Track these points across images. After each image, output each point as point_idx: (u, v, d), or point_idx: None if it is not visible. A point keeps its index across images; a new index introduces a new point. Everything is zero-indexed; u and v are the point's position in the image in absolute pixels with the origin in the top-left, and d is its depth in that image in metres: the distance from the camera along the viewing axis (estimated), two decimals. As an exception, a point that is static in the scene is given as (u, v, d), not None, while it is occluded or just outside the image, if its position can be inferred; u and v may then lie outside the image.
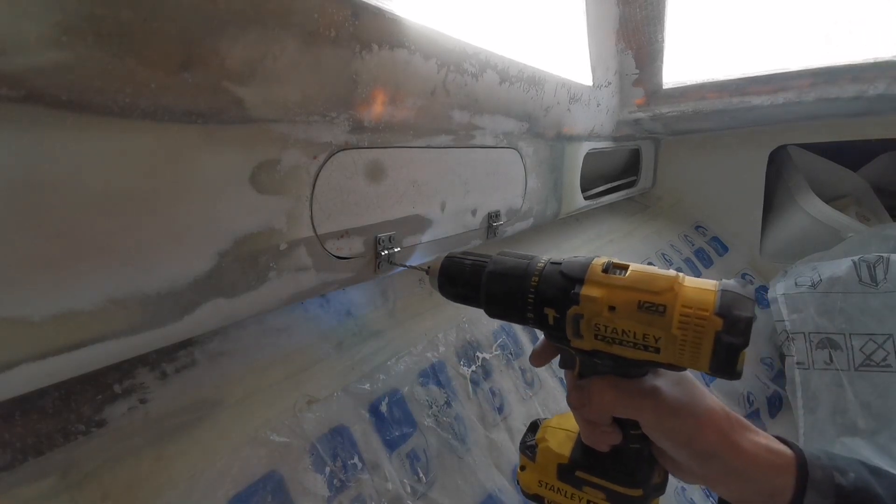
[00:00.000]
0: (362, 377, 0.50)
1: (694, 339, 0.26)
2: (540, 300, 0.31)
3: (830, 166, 1.32)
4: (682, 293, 0.27)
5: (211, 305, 0.35)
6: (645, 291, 0.27)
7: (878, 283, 0.89)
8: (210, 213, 0.33)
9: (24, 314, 0.26)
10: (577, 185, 0.92)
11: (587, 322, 0.29)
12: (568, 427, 0.37)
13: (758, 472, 0.28)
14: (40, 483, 0.32)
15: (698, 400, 0.30)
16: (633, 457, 0.32)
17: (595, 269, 0.30)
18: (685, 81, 0.97)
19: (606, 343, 0.29)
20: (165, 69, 0.28)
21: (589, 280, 0.29)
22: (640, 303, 0.27)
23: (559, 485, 0.35)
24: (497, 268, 0.34)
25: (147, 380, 0.39)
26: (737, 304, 0.25)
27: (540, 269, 0.32)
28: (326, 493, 0.41)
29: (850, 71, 0.85)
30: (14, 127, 0.24)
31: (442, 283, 0.37)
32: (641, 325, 0.27)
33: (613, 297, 0.28)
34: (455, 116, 0.53)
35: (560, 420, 0.38)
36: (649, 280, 0.28)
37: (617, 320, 0.28)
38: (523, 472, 0.38)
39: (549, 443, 0.37)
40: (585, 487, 0.34)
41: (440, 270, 0.37)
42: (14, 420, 0.32)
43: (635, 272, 0.29)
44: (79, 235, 0.27)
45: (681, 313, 0.26)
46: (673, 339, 0.26)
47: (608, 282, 0.29)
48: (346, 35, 0.36)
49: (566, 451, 0.36)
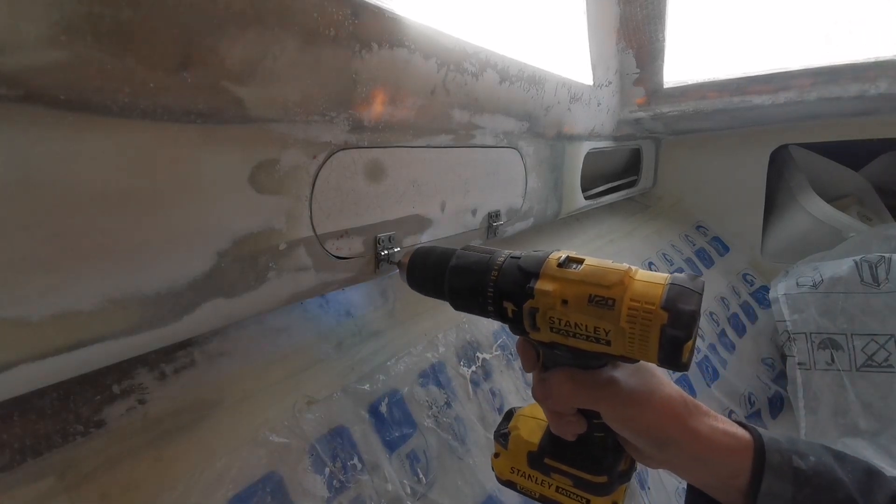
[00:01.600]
0: (362, 378, 0.50)
1: (641, 333, 0.26)
2: (499, 294, 0.32)
3: (832, 166, 1.32)
4: (632, 287, 0.27)
5: (210, 305, 0.35)
6: (595, 285, 0.28)
7: (879, 284, 0.89)
8: (209, 213, 0.33)
9: (23, 314, 0.26)
10: (577, 185, 0.92)
11: (542, 315, 0.30)
12: (539, 416, 0.38)
13: (715, 456, 0.29)
14: (39, 484, 0.32)
15: (655, 388, 0.31)
16: (597, 445, 0.33)
17: (551, 264, 0.30)
18: (686, 81, 0.97)
19: (562, 336, 0.30)
20: (164, 69, 0.28)
21: (544, 274, 0.30)
22: (590, 296, 0.28)
23: (530, 471, 0.36)
24: (460, 262, 0.35)
25: (146, 380, 0.39)
26: (682, 298, 0.26)
27: (500, 264, 0.33)
28: (326, 493, 0.41)
29: (851, 70, 0.84)
30: (13, 126, 0.24)
31: (410, 277, 0.38)
32: (592, 319, 0.28)
33: (566, 291, 0.29)
34: (455, 116, 0.52)
35: (532, 409, 0.39)
36: (601, 274, 0.28)
37: (570, 314, 0.29)
38: (497, 459, 0.39)
39: (520, 431, 0.38)
40: (553, 474, 0.35)
41: (408, 264, 0.38)
42: (12, 420, 0.32)
43: (589, 266, 0.29)
44: (78, 235, 0.27)
45: (629, 307, 0.27)
46: (622, 332, 0.27)
47: (562, 276, 0.29)
48: (345, 34, 0.36)
49: (536, 439, 0.36)
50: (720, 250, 1.26)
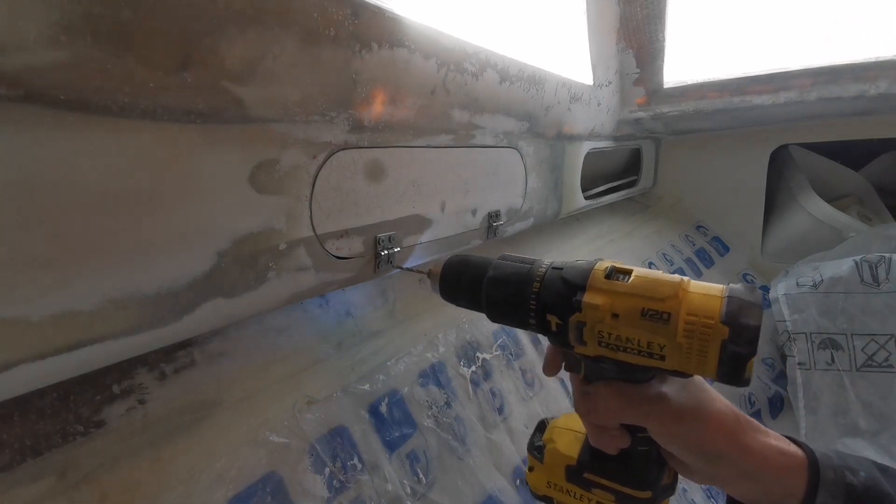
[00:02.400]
0: (362, 378, 0.50)
1: (700, 348, 0.25)
2: (542, 307, 0.30)
3: (832, 166, 1.32)
4: (688, 300, 0.26)
5: (210, 305, 0.35)
6: (649, 298, 0.27)
7: (879, 284, 0.89)
8: (209, 213, 0.33)
9: (23, 314, 0.26)
10: (577, 185, 0.92)
11: (590, 329, 0.28)
12: (575, 428, 0.37)
13: (768, 473, 0.28)
14: (39, 484, 0.32)
15: (705, 404, 0.30)
16: (641, 459, 0.32)
17: (597, 275, 0.29)
18: (686, 81, 0.97)
19: (611, 350, 0.28)
20: (164, 69, 0.28)
21: (591, 286, 0.28)
22: (643, 310, 0.27)
23: (568, 486, 0.35)
24: (498, 273, 0.33)
25: (146, 380, 0.39)
26: (743, 312, 0.25)
27: (541, 275, 0.31)
28: (326, 493, 0.41)
29: (851, 70, 0.84)
30: (13, 127, 0.24)
31: (444, 288, 0.37)
32: (645, 333, 0.27)
33: (616, 305, 0.27)
34: (455, 116, 0.52)
35: (567, 420, 0.38)
36: (653, 286, 0.27)
37: (620, 328, 0.27)
38: (531, 473, 0.38)
39: (556, 444, 0.36)
40: (594, 489, 0.34)
41: (441, 275, 0.36)
42: (12, 420, 0.32)
43: (639, 277, 0.28)
44: (77, 235, 0.27)
45: (685, 321, 0.25)
46: (678, 347, 0.26)
47: (611, 288, 0.28)
48: (345, 34, 0.36)
49: (574, 452, 0.35)
50: (720, 250, 1.26)
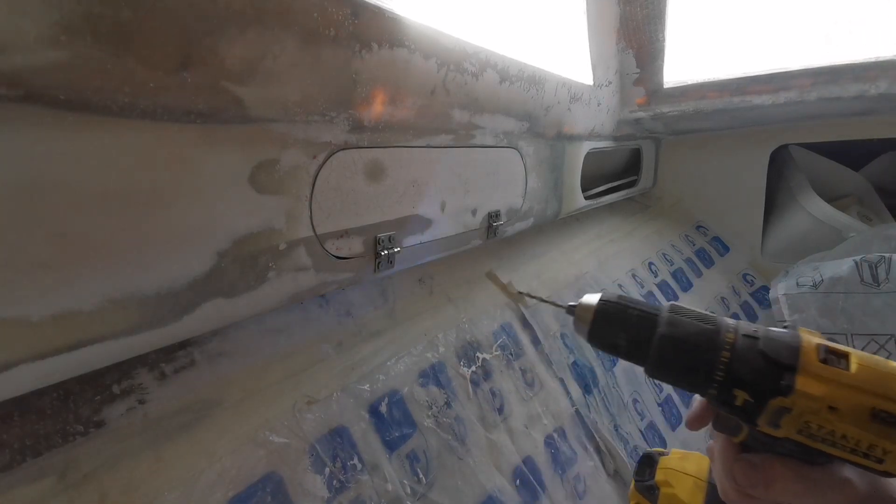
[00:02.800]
0: (362, 378, 0.50)
1: None
2: (731, 380, 0.26)
3: (832, 166, 1.32)
4: None
5: (210, 306, 0.35)
6: (882, 397, 0.23)
7: (880, 284, 0.89)
8: (209, 213, 0.33)
9: (23, 314, 0.26)
10: (577, 185, 0.92)
11: (795, 417, 0.25)
12: (691, 471, 0.33)
13: None
14: (38, 484, 0.32)
15: (885, 488, 0.27)
16: None
17: (810, 356, 0.25)
18: (686, 81, 0.97)
19: (811, 440, 0.25)
20: (164, 69, 0.28)
21: (805, 370, 0.24)
22: (874, 410, 0.23)
23: None
24: (675, 332, 0.28)
25: (146, 380, 0.39)
26: None
27: (731, 343, 0.27)
28: (326, 493, 0.41)
29: (851, 70, 0.84)
30: (13, 126, 0.24)
31: (595, 333, 0.31)
32: (870, 436, 0.23)
33: (838, 398, 0.24)
34: (455, 116, 0.52)
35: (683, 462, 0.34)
36: (886, 380, 0.23)
37: (838, 424, 0.24)
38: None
39: (674, 489, 0.33)
40: None
41: (594, 319, 0.31)
42: (12, 421, 0.32)
43: (864, 367, 0.24)
44: (77, 235, 0.27)
45: None
46: None
47: (831, 376, 0.24)
48: (345, 34, 0.36)
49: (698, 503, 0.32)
50: (720, 250, 1.26)
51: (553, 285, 0.80)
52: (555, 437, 0.62)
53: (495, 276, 0.75)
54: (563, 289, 0.81)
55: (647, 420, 0.76)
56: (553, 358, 0.70)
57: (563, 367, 0.70)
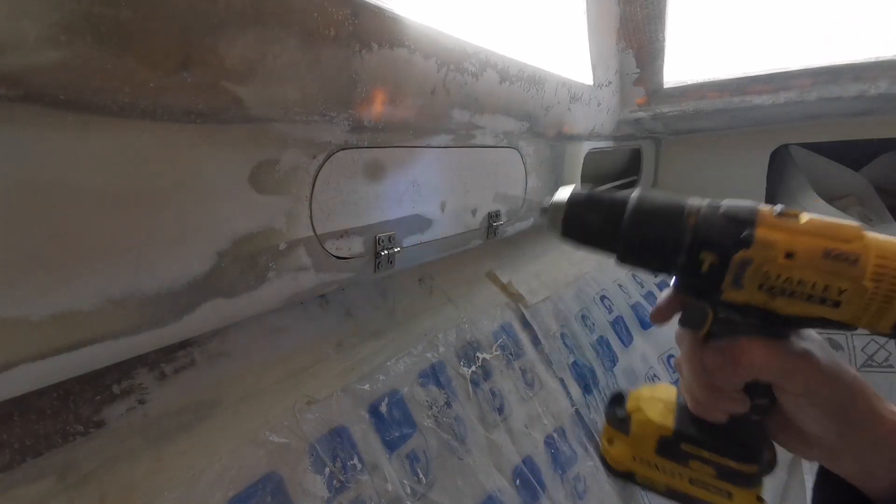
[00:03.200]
0: (362, 378, 0.50)
1: (886, 294, 0.24)
2: (698, 243, 0.28)
3: (832, 166, 1.32)
4: (874, 243, 0.25)
5: (210, 305, 0.35)
6: (832, 238, 0.25)
7: (879, 283, 0.89)
8: (209, 213, 0.33)
9: (23, 314, 0.26)
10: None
11: (755, 269, 0.26)
12: (663, 397, 0.34)
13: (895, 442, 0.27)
14: (38, 484, 0.32)
15: (845, 367, 0.28)
16: (751, 429, 0.30)
17: (766, 213, 0.27)
18: (686, 81, 0.97)
19: (769, 295, 0.26)
20: (164, 68, 0.28)
21: (762, 223, 0.26)
22: (826, 250, 0.25)
23: (657, 460, 0.33)
24: (644, 206, 0.30)
25: (146, 380, 0.39)
26: None
27: (696, 210, 0.28)
28: (326, 493, 0.41)
29: (851, 70, 0.84)
30: (13, 126, 0.24)
31: (568, 227, 0.32)
32: (824, 276, 0.25)
33: (794, 243, 0.25)
34: (455, 116, 0.52)
35: (652, 391, 0.35)
36: (835, 227, 0.25)
37: (794, 269, 0.25)
38: (612, 447, 0.35)
39: (646, 413, 0.33)
40: (692, 462, 0.31)
41: (567, 209, 0.32)
42: (12, 421, 0.32)
43: (814, 218, 0.26)
44: (77, 235, 0.27)
45: (875, 264, 0.24)
46: (862, 291, 0.24)
47: (786, 225, 0.26)
48: (345, 34, 0.36)
49: (669, 422, 0.32)
50: (720, 250, 1.26)
51: (553, 285, 0.80)
52: (555, 437, 0.62)
53: (495, 276, 0.75)
54: (563, 288, 0.81)
55: (647, 420, 0.76)
56: (553, 358, 0.70)
57: (563, 367, 0.70)
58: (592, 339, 0.78)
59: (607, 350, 0.79)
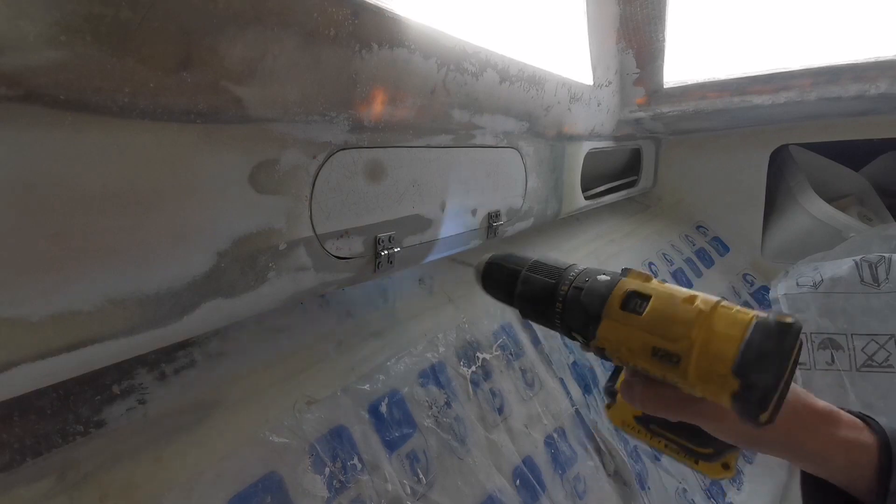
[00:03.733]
0: (362, 377, 0.50)
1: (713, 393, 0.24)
2: (566, 327, 0.32)
3: (832, 166, 1.32)
4: (703, 339, 0.24)
5: (210, 306, 0.35)
6: (660, 336, 0.26)
7: (879, 284, 0.89)
8: (209, 213, 0.33)
9: (23, 314, 0.26)
10: (577, 185, 0.92)
11: (610, 353, 0.29)
12: None
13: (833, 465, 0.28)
14: (39, 484, 0.32)
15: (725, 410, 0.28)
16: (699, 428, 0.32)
17: (613, 304, 0.29)
18: (686, 81, 0.97)
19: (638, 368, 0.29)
20: (164, 68, 0.27)
21: (607, 315, 0.29)
22: (653, 349, 0.26)
23: (639, 427, 0.36)
24: (526, 289, 0.34)
25: (146, 380, 0.39)
26: (760, 363, 0.22)
27: (563, 294, 0.32)
28: (326, 493, 0.41)
29: (851, 70, 0.84)
30: (13, 126, 0.24)
31: (485, 286, 0.39)
32: (659, 370, 0.26)
33: (630, 339, 0.27)
34: (455, 116, 0.52)
35: None
36: (666, 321, 0.26)
37: (636, 360, 0.27)
38: (609, 409, 0.39)
39: None
40: (660, 437, 0.35)
41: (482, 273, 0.38)
42: (12, 421, 0.32)
43: (654, 309, 0.27)
44: (77, 235, 0.27)
45: (696, 367, 0.24)
46: (691, 385, 0.25)
47: (625, 321, 0.28)
48: (345, 34, 0.36)
49: None
50: (720, 250, 1.26)
51: (553, 285, 0.79)
52: (555, 437, 0.62)
53: (495, 276, 0.74)
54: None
55: (647, 420, 0.76)
56: (553, 358, 0.70)
57: (563, 367, 0.70)
58: (592, 339, 0.78)
59: (607, 350, 0.79)
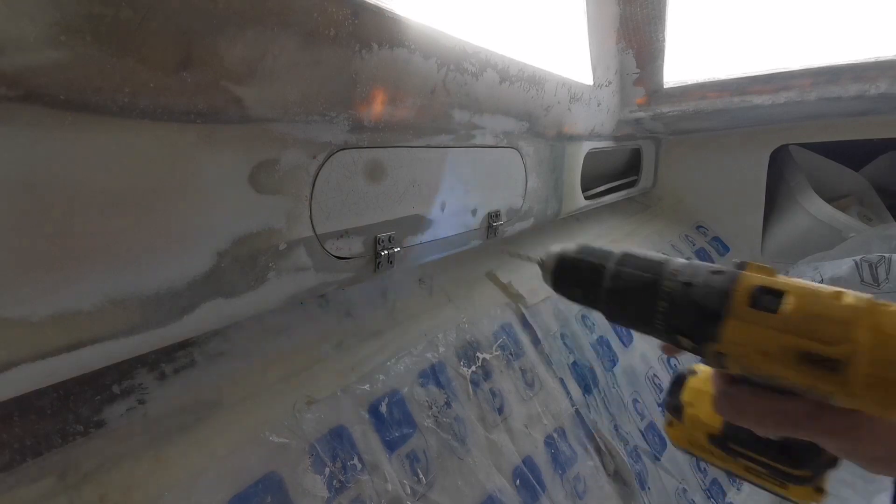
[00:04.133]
0: (362, 378, 0.50)
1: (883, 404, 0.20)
2: (671, 328, 0.27)
3: (832, 166, 1.32)
4: (870, 342, 0.20)
5: (210, 306, 0.35)
6: (810, 339, 0.21)
7: (879, 284, 0.89)
8: (209, 213, 0.33)
9: (23, 314, 0.26)
10: (577, 185, 0.92)
11: (733, 360, 0.24)
12: None
13: None
14: (39, 484, 0.32)
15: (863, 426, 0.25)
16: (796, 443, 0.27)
17: (740, 301, 0.24)
18: (686, 81, 0.97)
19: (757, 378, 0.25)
20: (164, 68, 0.27)
21: (733, 315, 0.24)
22: (801, 354, 0.22)
23: (711, 448, 0.32)
24: (617, 285, 0.29)
25: (146, 380, 0.39)
26: None
27: (669, 291, 0.27)
28: (326, 493, 0.41)
29: (851, 70, 0.84)
30: (13, 126, 0.24)
31: (557, 284, 0.33)
32: (806, 378, 0.22)
33: (766, 342, 0.23)
34: (455, 116, 0.52)
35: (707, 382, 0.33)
36: (817, 321, 0.22)
37: (773, 367, 0.23)
38: (671, 428, 0.34)
39: (696, 410, 0.33)
40: (741, 458, 0.30)
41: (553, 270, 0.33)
42: (12, 421, 0.32)
43: (798, 306, 0.22)
44: (77, 235, 0.27)
45: (867, 373, 0.20)
46: (852, 396, 0.21)
47: (758, 321, 0.23)
48: (345, 34, 0.36)
49: (717, 422, 0.31)
50: (720, 250, 1.26)
51: (553, 285, 0.80)
52: (555, 437, 0.62)
53: (495, 277, 0.75)
54: (563, 289, 0.81)
55: (647, 420, 0.76)
56: (553, 358, 0.70)
57: (563, 367, 0.70)
58: (592, 339, 0.78)
59: (607, 350, 0.79)
